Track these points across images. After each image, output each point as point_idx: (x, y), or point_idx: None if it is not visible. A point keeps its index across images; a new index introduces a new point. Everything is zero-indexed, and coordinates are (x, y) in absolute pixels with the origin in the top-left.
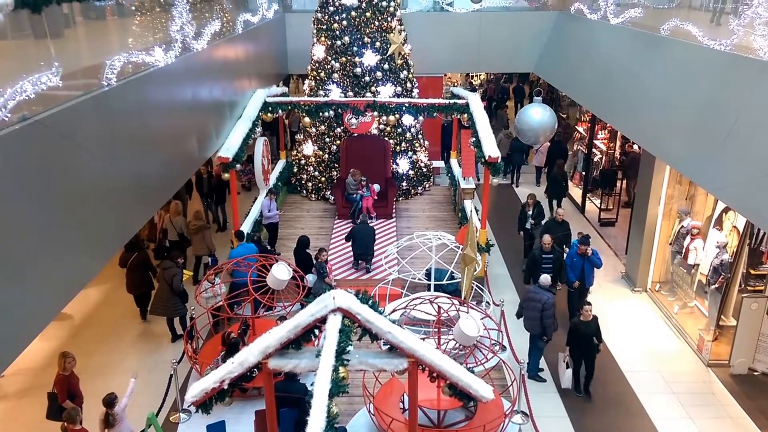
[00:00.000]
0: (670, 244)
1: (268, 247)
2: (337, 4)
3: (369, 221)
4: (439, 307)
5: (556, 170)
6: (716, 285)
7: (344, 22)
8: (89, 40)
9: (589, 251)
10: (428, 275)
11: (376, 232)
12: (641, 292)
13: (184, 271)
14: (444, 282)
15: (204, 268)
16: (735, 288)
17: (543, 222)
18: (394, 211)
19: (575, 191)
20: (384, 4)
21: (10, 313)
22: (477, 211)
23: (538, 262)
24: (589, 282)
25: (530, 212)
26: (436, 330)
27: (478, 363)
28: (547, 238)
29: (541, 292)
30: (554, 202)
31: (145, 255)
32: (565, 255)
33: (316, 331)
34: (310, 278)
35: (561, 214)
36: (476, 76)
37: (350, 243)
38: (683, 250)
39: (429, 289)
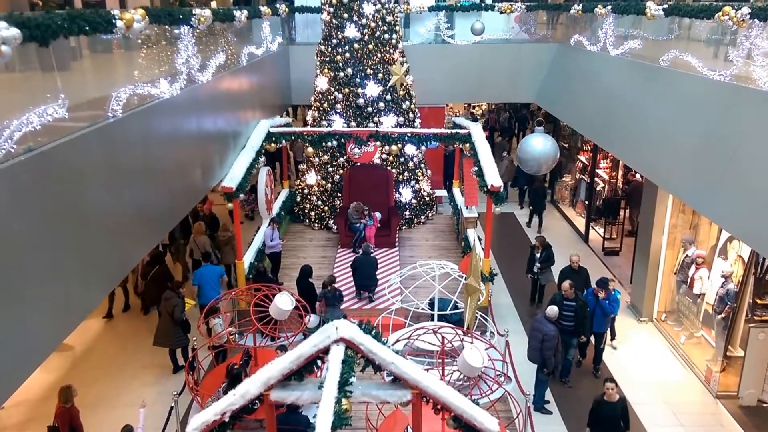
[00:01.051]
0: (675, 273)
1: (271, 277)
2: (340, 36)
3: (371, 251)
4: (443, 338)
5: (537, 184)
6: (722, 315)
7: (347, 54)
8: (95, 73)
9: (602, 294)
10: (431, 305)
11: (379, 261)
12: (647, 322)
13: (186, 300)
14: (447, 312)
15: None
16: (741, 318)
17: (552, 267)
18: (397, 240)
19: (578, 220)
20: (386, 36)
21: (10, 344)
22: (480, 239)
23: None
24: (598, 327)
25: (538, 255)
26: (440, 361)
27: (483, 394)
28: (566, 285)
29: (545, 323)
30: (536, 217)
31: (165, 268)
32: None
33: (319, 362)
34: (313, 319)
35: (576, 261)
36: (478, 106)
37: (352, 273)
38: (688, 280)
39: (432, 319)
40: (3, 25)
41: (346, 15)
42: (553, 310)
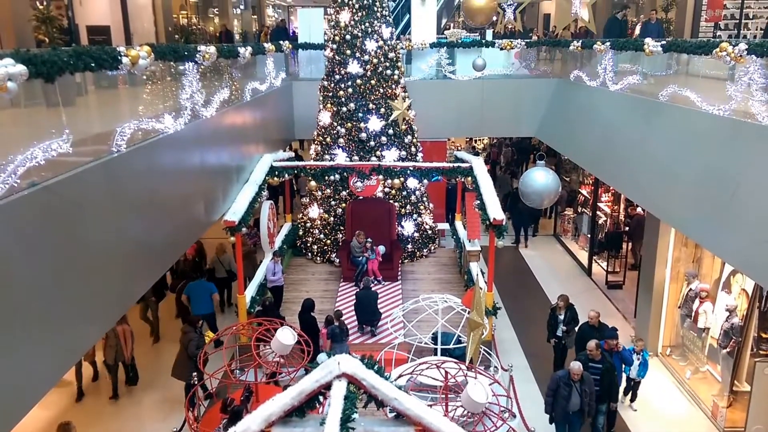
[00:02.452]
0: (679, 307)
1: (278, 313)
2: (342, 72)
3: (373, 285)
4: (447, 373)
5: (522, 205)
6: (728, 349)
7: (350, 90)
8: (100, 108)
9: (619, 346)
10: (435, 339)
11: (382, 294)
12: (652, 357)
13: (207, 334)
14: (451, 346)
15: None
16: (747, 352)
17: (577, 328)
18: (399, 273)
19: (581, 254)
20: (388, 72)
21: (8, 380)
22: (483, 273)
23: None
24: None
25: (561, 316)
26: (444, 396)
27: (488, 431)
28: (592, 345)
29: (558, 373)
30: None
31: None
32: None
33: (321, 398)
34: (323, 356)
35: (594, 317)
36: (479, 140)
37: (354, 308)
38: (692, 314)
39: (436, 354)
40: (9, 62)
41: (348, 51)
42: (575, 367)
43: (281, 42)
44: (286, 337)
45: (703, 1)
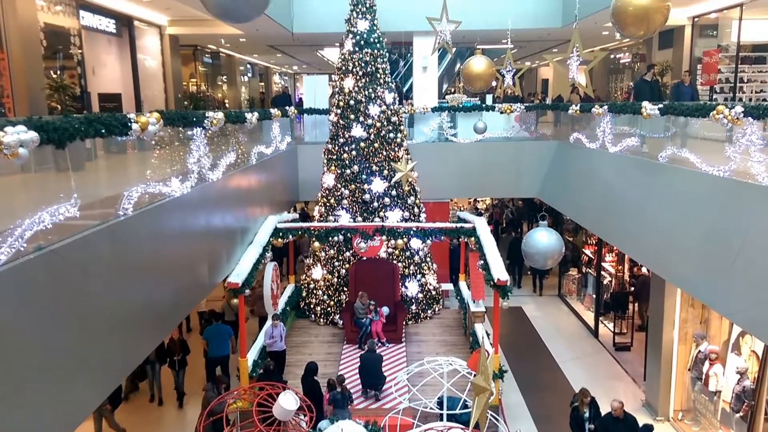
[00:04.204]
0: (689, 369)
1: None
2: (346, 136)
3: (377, 347)
4: None
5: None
6: (741, 413)
7: (353, 153)
8: (109, 172)
9: None
10: (440, 404)
11: (386, 357)
12: (664, 422)
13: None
14: (457, 411)
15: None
16: (760, 417)
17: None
18: (403, 335)
19: (587, 314)
20: (391, 135)
21: None
22: (488, 334)
23: None
24: None
25: (586, 413)
26: None
27: None
28: (615, 404)
29: None
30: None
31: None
32: None
33: None
34: (324, 424)
35: (618, 408)
36: (482, 200)
37: (358, 371)
38: (703, 376)
39: (441, 419)
40: (21, 129)
41: (352, 116)
42: None
43: (286, 107)
44: (288, 402)
45: (698, 66)
